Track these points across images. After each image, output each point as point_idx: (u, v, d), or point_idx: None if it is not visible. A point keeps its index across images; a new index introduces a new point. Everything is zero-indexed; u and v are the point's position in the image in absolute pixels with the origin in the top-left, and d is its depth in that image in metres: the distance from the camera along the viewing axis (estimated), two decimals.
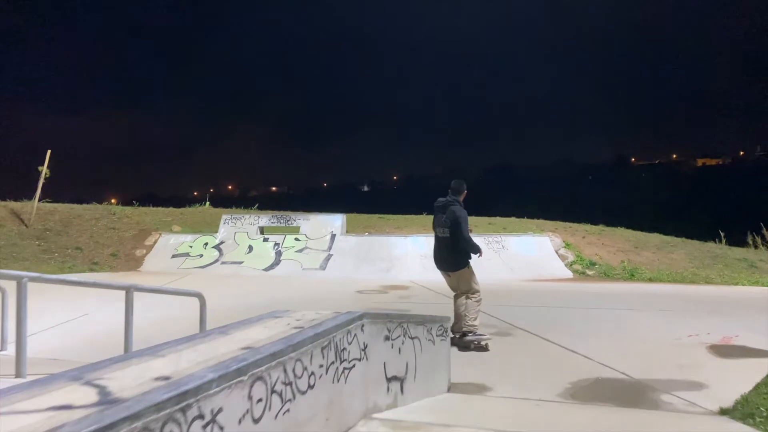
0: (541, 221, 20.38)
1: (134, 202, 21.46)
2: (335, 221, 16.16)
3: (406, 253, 14.66)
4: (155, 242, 17.45)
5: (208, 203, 21.95)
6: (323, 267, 14.95)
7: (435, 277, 14.23)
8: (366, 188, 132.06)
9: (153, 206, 21.90)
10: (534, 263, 15.25)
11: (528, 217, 20.66)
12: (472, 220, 7.57)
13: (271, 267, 15.45)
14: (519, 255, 15.25)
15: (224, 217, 17.37)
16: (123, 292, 4.99)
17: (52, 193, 19.89)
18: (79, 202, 21.33)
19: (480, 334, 6.27)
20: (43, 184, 18.41)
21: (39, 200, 19.57)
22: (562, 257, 15.89)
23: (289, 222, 16.69)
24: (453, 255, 6.36)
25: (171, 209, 21.06)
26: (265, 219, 16.97)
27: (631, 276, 14.37)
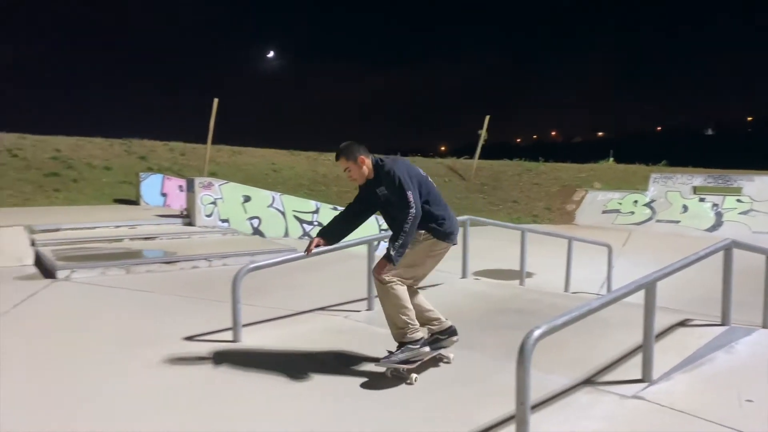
0: None
1: (540, 158, 25.13)
2: None
3: None
4: (582, 198, 20.56)
5: (611, 159, 24.35)
6: None
7: None
8: (710, 132, 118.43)
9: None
10: None
11: None
12: None
13: (713, 228, 16.93)
14: None
15: (653, 176, 19.36)
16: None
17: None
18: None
19: None
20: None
21: (461, 157, 24.73)
22: None
23: (729, 182, 17.77)
24: None
25: (580, 165, 24.00)
26: (699, 179, 18.38)
27: None
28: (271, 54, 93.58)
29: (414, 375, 3.55)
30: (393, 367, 3.55)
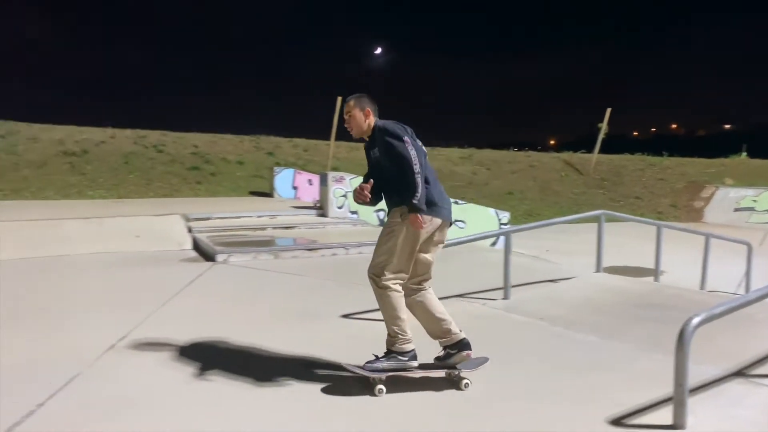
0: None
1: (664, 152, 23.94)
2: None
3: None
4: (712, 195, 19.45)
5: (744, 154, 22.78)
6: None
7: None
8: None
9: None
10: None
11: None
12: None
13: None
14: None
15: None
16: None
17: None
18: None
19: None
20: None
21: (577, 152, 24.06)
22: None
23: None
24: None
25: (710, 161, 22.67)
26: None
27: None
28: (378, 50, 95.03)
29: (380, 387, 3.29)
30: (375, 375, 3.31)
